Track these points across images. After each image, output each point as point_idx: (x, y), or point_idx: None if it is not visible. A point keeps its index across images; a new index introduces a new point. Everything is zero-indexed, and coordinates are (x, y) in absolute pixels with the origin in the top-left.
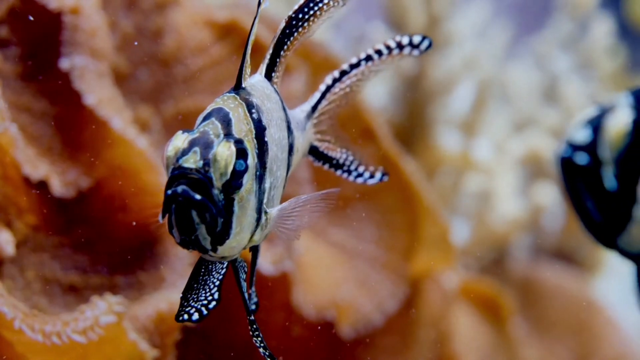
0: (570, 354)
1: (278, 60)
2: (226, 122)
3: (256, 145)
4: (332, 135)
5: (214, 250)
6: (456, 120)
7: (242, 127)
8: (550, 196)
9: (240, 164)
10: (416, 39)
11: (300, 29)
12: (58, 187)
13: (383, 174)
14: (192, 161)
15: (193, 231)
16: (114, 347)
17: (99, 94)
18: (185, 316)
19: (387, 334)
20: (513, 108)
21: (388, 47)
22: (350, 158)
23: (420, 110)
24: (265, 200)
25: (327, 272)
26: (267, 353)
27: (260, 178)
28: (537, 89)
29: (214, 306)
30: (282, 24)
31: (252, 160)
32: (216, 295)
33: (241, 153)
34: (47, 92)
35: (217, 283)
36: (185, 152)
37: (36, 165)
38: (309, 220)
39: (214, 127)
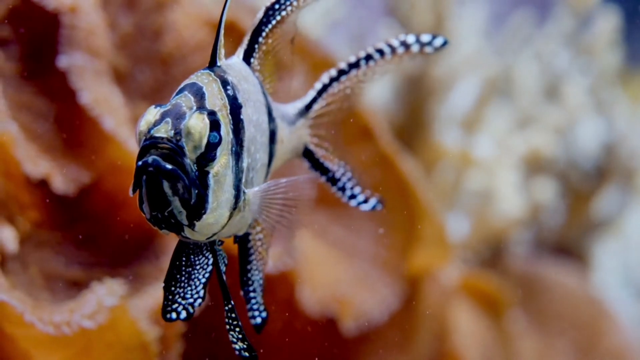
0: (570, 347)
1: (256, 46)
2: (199, 96)
3: (231, 121)
4: (332, 144)
5: (191, 226)
6: (458, 117)
7: (216, 102)
8: (550, 192)
9: (214, 136)
10: (425, 38)
11: (278, 17)
12: (59, 184)
13: (378, 202)
14: (163, 131)
15: (166, 205)
16: (116, 333)
17: (94, 92)
18: (174, 315)
19: (388, 330)
20: (514, 105)
21: (391, 46)
22: (348, 175)
23: (422, 108)
24: (243, 180)
25: (328, 269)
26: (245, 345)
27: (237, 155)
28: (538, 86)
29: (199, 304)
30: (261, 12)
31: (226, 133)
32: (202, 293)
33: (214, 125)
34: (47, 91)
35: (204, 280)
36: (156, 123)
37: (37, 163)
38: (292, 214)
39: (186, 100)
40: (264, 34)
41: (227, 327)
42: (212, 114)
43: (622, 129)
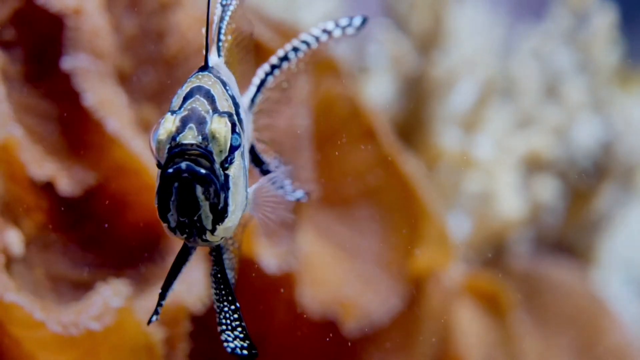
0: (571, 345)
1: (220, 44)
2: (210, 99)
3: (237, 121)
4: (269, 138)
5: (213, 231)
6: (457, 117)
7: (224, 104)
8: (550, 191)
9: (235, 139)
10: (344, 21)
11: (229, 11)
12: (65, 185)
13: (304, 194)
14: (190, 137)
15: (196, 210)
16: (122, 334)
17: (98, 94)
18: (154, 317)
19: (391, 332)
20: (514, 105)
21: (313, 35)
22: (282, 169)
23: (422, 108)
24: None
25: (330, 270)
26: (246, 344)
27: (243, 155)
28: (537, 86)
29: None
30: (218, 8)
31: (240, 135)
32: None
33: (233, 127)
34: (52, 93)
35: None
36: (180, 130)
37: (42, 165)
38: (284, 208)
39: (200, 104)
40: (223, 30)
41: (224, 327)
42: (230, 116)
43: (621, 127)
